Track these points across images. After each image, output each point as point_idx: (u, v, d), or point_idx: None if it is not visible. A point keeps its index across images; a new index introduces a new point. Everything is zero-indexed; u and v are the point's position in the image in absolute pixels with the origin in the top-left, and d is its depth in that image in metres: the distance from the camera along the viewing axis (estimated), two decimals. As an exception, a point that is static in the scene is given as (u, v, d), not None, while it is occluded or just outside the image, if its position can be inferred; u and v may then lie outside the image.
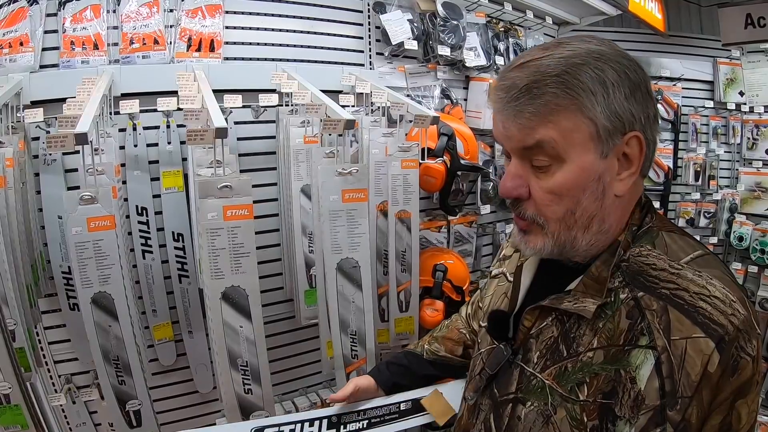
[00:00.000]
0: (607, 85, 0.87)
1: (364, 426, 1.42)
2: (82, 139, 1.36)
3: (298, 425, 1.41)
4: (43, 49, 1.98)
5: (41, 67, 1.98)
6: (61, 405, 2.13)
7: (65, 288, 2.06)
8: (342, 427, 1.41)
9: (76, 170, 2.01)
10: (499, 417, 1.04)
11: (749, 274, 4.14)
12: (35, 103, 1.90)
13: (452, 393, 1.46)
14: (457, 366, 1.49)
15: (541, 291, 1.04)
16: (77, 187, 1.99)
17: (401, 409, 1.44)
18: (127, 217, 2.10)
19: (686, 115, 4.14)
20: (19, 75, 1.90)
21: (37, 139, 2.00)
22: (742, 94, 4.19)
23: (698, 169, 4.15)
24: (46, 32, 1.98)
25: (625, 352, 0.87)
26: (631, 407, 0.85)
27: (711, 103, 4.19)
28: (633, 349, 0.87)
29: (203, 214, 1.50)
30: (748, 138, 4.26)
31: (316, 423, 1.42)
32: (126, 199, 2.09)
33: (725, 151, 4.32)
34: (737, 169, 4.33)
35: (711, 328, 0.82)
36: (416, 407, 1.45)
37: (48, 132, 1.97)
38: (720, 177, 4.33)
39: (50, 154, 1.99)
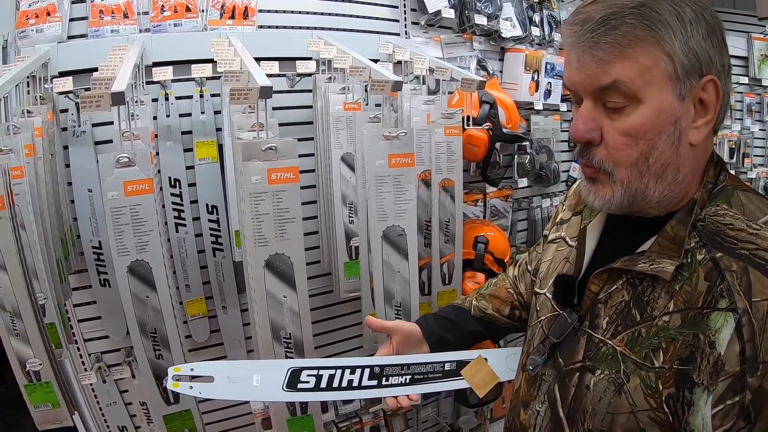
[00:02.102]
0: (685, 21, 0.83)
1: (407, 381, 1.37)
2: (118, 98, 1.28)
3: (339, 371, 1.35)
4: (71, 20, 1.91)
5: (69, 37, 1.91)
6: (91, 384, 2.10)
7: (96, 264, 2.01)
8: (384, 378, 1.36)
9: (106, 142, 1.95)
10: (564, 387, 0.99)
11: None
12: (63, 74, 1.84)
13: (497, 360, 1.40)
14: (501, 326, 1.46)
15: (607, 254, 1.00)
16: (109, 159, 1.97)
17: (445, 369, 1.39)
18: (161, 189, 2.03)
19: (720, 90, 4.01)
20: (46, 45, 1.84)
21: (65, 111, 1.94)
22: (776, 70, 4.06)
23: (733, 146, 4.02)
24: (73, 2, 1.91)
25: (704, 315, 0.83)
26: (710, 373, 0.80)
27: (745, 80, 4.04)
28: (712, 312, 0.82)
29: (246, 177, 1.43)
30: (784, 116, 4.13)
31: (358, 371, 1.36)
32: (159, 171, 2.02)
33: (760, 129, 4.18)
34: (772, 148, 4.20)
35: None
36: (461, 369, 1.39)
37: (77, 103, 1.92)
38: (754, 155, 4.19)
39: (79, 126, 1.93)
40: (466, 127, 2.09)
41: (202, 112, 2.06)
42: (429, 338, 1.43)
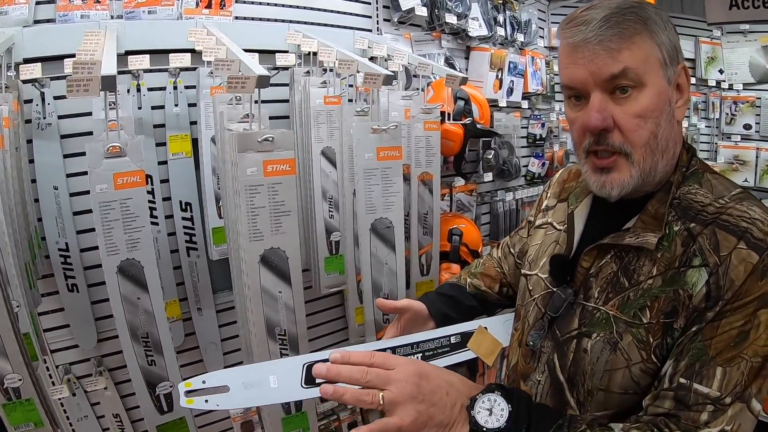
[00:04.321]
0: (664, 20, 1.01)
1: (418, 359, 1.37)
2: (109, 82, 1.21)
3: None
4: (38, 2, 1.79)
5: (35, 21, 1.79)
6: (60, 398, 1.95)
7: (63, 267, 1.90)
8: None
9: (73, 136, 1.87)
10: (563, 355, 1.10)
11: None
12: (28, 61, 1.72)
13: (496, 327, 1.43)
14: (492, 302, 1.54)
15: (593, 235, 1.11)
16: (77, 155, 1.87)
17: (452, 342, 1.40)
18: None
19: (669, 90, 4.21)
20: (10, 29, 1.70)
21: (30, 101, 1.82)
22: (721, 72, 4.37)
23: (680, 141, 4.24)
24: (41, -17, 1.79)
25: (681, 273, 0.96)
26: (685, 317, 0.95)
27: (693, 80, 4.24)
28: (688, 269, 0.96)
29: (242, 169, 1.38)
30: (727, 113, 4.45)
31: None
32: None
33: (705, 126, 4.50)
34: (716, 143, 4.51)
35: (752, 242, 0.92)
36: (465, 341, 1.41)
37: (43, 93, 1.82)
38: (700, 150, 4.46)
39: (44, 118, 1.83)
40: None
41: (176, 105, 1.99)
42: (435, 315, 1.45)
